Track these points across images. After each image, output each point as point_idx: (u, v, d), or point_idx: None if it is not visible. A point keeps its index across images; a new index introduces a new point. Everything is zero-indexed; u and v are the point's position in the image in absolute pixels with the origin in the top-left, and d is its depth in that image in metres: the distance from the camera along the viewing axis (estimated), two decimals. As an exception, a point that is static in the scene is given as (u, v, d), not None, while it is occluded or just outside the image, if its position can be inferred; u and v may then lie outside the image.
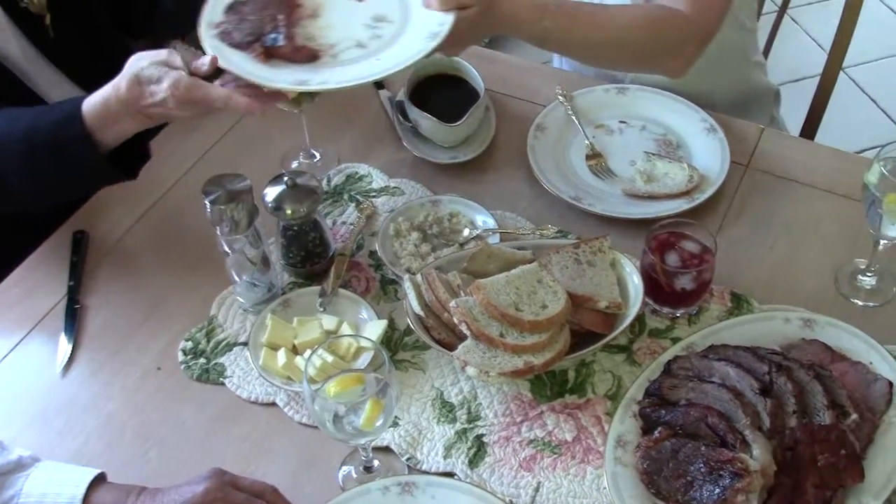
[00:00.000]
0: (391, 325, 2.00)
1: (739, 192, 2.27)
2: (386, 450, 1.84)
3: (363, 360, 1.87)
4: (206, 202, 1.87)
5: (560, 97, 2.43)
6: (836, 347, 1.91)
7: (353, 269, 2.12)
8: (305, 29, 1.98)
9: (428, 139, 2.35)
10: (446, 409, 1.88)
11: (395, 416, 1.87)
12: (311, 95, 2.18)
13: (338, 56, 1.94)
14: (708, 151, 2.30)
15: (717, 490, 1.65)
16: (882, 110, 4.55)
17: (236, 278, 2.01)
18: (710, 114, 2.36)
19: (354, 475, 1.81)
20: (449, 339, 1.85)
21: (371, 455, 1.78)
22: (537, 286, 1.85)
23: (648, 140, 2.36)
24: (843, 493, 1.70)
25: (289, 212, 1.99)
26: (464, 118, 2.25)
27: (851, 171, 1.96)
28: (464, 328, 1.79)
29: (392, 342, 1.99)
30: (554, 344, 1.80)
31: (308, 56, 1.92)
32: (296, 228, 2.03)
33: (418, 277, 1.91)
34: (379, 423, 1.65)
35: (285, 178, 1.99)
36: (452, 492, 1.73)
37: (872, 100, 4.60)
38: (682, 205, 2.17)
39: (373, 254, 2.13)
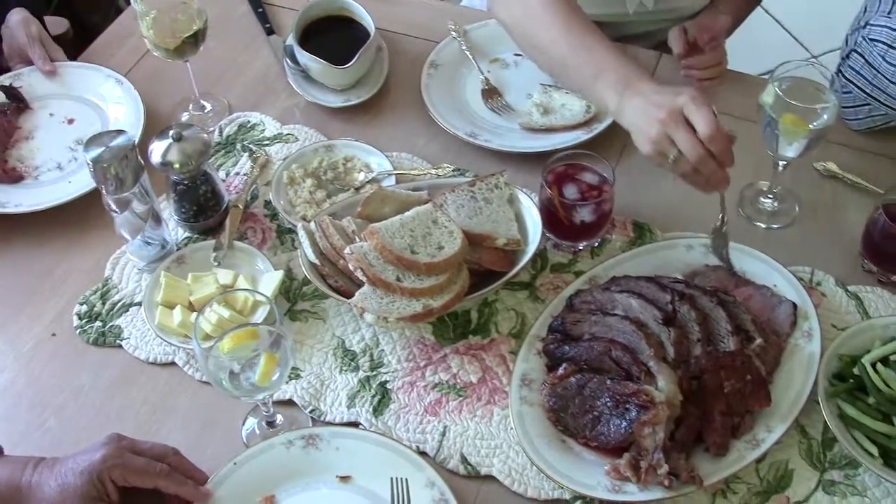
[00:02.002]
0: (289, 276, 1.96)
1: (639, 120, 2.23)
2: (289, 403, 1.80)
3: (261, 314, 1.83)
4: (89, 161, 1.80)
5: (453, 33, 2.38)
6: (740, 272, 1.89)
7: (248, 220, 2.07)
8: (20, 151, 2.20)
9: (319, 83, 2.29)
10: (348, 358, 1.84)
11: (297, 368, 1.83)
12: (195, 44, 2.11)
13: (39, 178, 2.16)
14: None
15: (624, 424, 1.64)
16: (787, 31, 4.55)
17: (128, 237, 1.95)
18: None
19: (258, 431, 1.77)
20: (346, 286, 1.81)
21: (273, 410, 1.74)
22: (432, 227, 1.81)
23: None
24: (752, 419, 1.70)
25: (177, 166, 1.92)
26: (353, 59, 2.19)
27: (751, 94, 1.93)
28: (359, 274, 1.75)
29: (291, 292, 1.94)
30: (452, 285, 1.77)
31: (15, 177, 2.15)
32: (186, 183, 1.97)
33: (312, 225, 1.87)
34: (275, 377, 1.60)
35: (171, 132, 1.93)
36: (357, 441, 1.70)
37: (777, 21, 4.59)
38: (580, 136, 2.14)
39: (268, 204, 2.08)
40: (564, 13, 1.91)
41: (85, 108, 2.31)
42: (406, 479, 1.63)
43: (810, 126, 1.85)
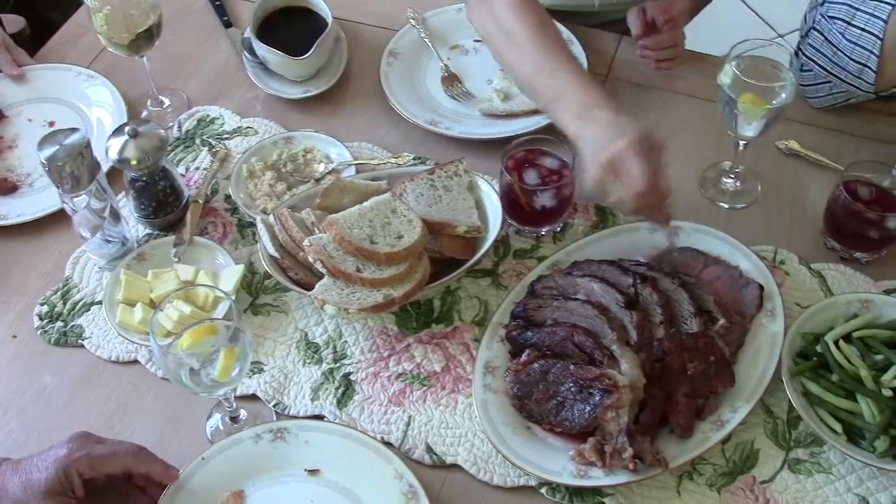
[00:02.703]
0: (250, 270, 1.94)
1: (600, 103, 2.23)
2: (253, 397, 1.79)
3: (222, 309, 1.81)
4: (43, 160, 1.78)
5: (412, 20, 2.37)
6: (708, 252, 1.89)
7: (209, 215, 2.05)
8: (6, 161, 2.17)
9: (278, 75, 2.27)
10: (311, 351, 1.83)
11: (260, 363, 1.82)
12: (149, 39, 2.09)
13: (34, 184, 2.13)
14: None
15: (588, 408, 1.63)
16: (751, 9, 4.55)
17: (87, 235, 1.93)
18: (568, 25, 2.31)
19: (222, 427, 1.75)
20: (307, 278, 1.80)
21: (236, 405, 1.73)
22: (391, 216, 1.80)
23: (506, 57, 2.31)
24: (716, 400, 1.70)
25: (134, 162, 1.90)
26: (311, 50, 2.18)
27: (711, 74, 1.92)
28: (319, 266, 1.73)
29: (253, 286, 1.93)
30: (413, 274, 1.76)
31: (9, 188, 2.12)
32: (144, 179, 1.95)
33: (271, 218, 1.85)
34: (235, 372, 1.59)
35: (127, 129, 1.91)
36: (326, 435, 1.69)
37: (743, 0, 4.59)
38: (540, 121, 2.12)
39: (228, 198, 2.06)
40: (533, 31, 1.87)
41: (63, 108, 2.29)
42: None
43: (768, 105, 1.84)
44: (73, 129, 1.81)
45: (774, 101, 1.84)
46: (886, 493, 1.64)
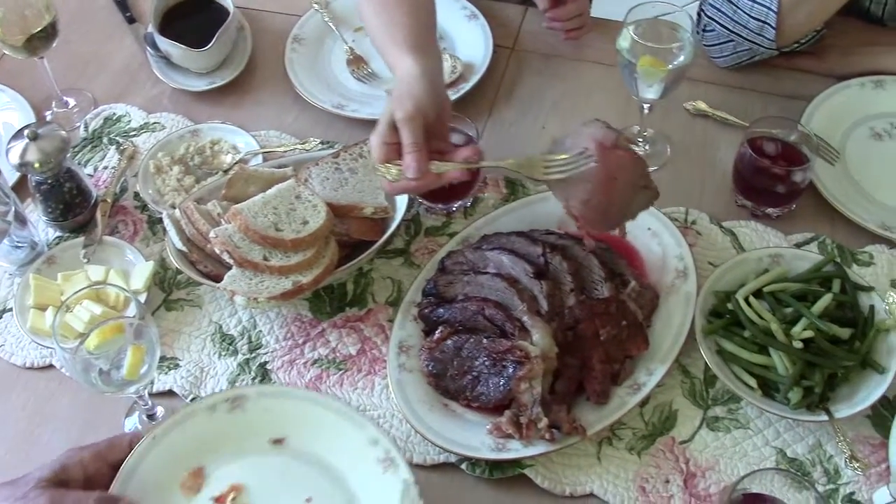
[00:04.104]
0: (162, 265, 1.93)
1: (507, 76, 2.23)
2: (170, 393, 1.78)
3: (134, 306, 1.79)
4: (-62, 169, 1.75)
5: (315, 5, 2.35)
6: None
7: (119, 213, 2.03)
8: None
9: (183, 68, 2.25)
10: (227, 342, 1.82)
11: (175, 358, 1.80)
12: (46, 40, 2.06)
13: None
14: (471, 39, 2.26)
15: (502, 381, 1.63)
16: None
17: (-7, 242, 1.90)
18: (471, 0, 2.30)
19: (140, 426, 1.73)
20: (217, 270, 1.78)
21: (152, 402, 1.71)
22: (296, 202, 1.79)
23: (410, 36, 2.30)
24: (631, 364, 1.70)
25: (36, 165, 1.88)
26: (212, 41, 2.16)
27: (614, 39, 1.92)
28: (226, 257, 1.72)
29: (165, 282, 1.91)
30: (321, 259, 1.75)
31: None
32: (49, 182, 1.93)
33: (176, 212, 1.83)
34: (144, 369, 1.57)
35: (26, 132, 1.88)
36: (289, 401, 1.55)
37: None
38: (446, 97, 2.11)
39: (137, 195, 2.03)
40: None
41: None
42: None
43: (668, 66, 1.84)
44: (-31, 136, 1.79)
45: (673, 63, 1.84)
46: (803, 443, 1.65)
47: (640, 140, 2.06)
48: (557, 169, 1.61)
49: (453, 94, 2.11)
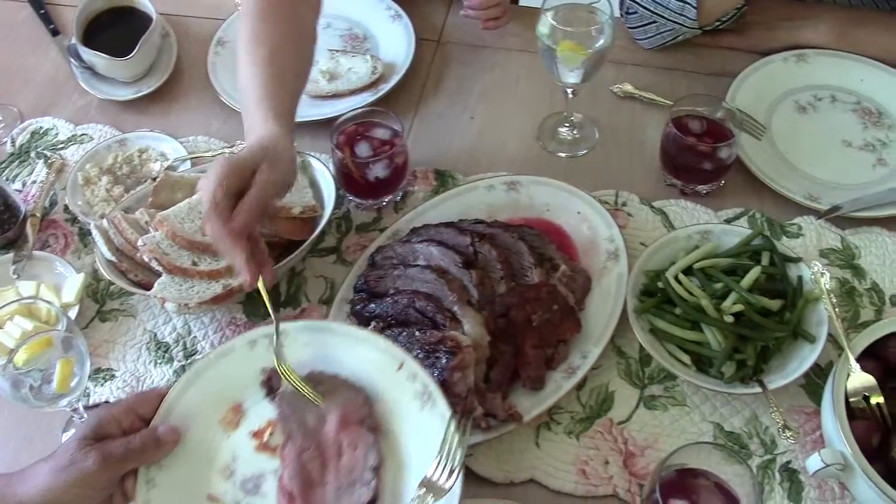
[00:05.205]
0: (95, 277, 1.91)
1: (434, 69, 2.23)
2: (106, 405, 1.76)
3: (65, 320, 1.78)
4: None
5: (240, 6, 2.32)
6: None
7: (49, 227, 2.01)
8: None
9: (109, 78, 2.24)
10: (162, 350, 1.81)
11: (111, 369, 1.79)
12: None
13: None
14: (395, 38, 2.26)
15: (436, 373, 1.61)
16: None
17: (-83, 267, 1.88)
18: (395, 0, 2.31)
19: (77, 440, 1.72)
20: (148, 278, 1.77)
21: (87, 415, 1.69)
22: (222, 206, 1.78)
23: (334, 37, 2.31)
24: (565, 348, 1.71)
25: (-42, 185, 1.87)
26: (135, 49, 2.14)
27: (535, 26, 1.93)
28: (154, 265, 1.71)
29: (98, 293, 1.90)
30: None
31: None
32: (-26, 200, 1.91)
33: (104, 223, 1.82)
34: (74, 381, 1.56)
35: (-53, 151, 1.87)
36: (329, 336, 1.55)
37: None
38: (367, 97, 2.13)
39: (67, 208, 2.02)
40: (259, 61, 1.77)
41: None
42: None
43: (588, 50, 1.85)
44: None
45: (593, 46, 1.85)
46: (739, 416, 1.67)
47: (567, 125, 2.07)
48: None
49: (373, 95, 2.12)
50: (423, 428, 1.44)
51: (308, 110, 2.11)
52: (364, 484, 1.43)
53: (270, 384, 1.53)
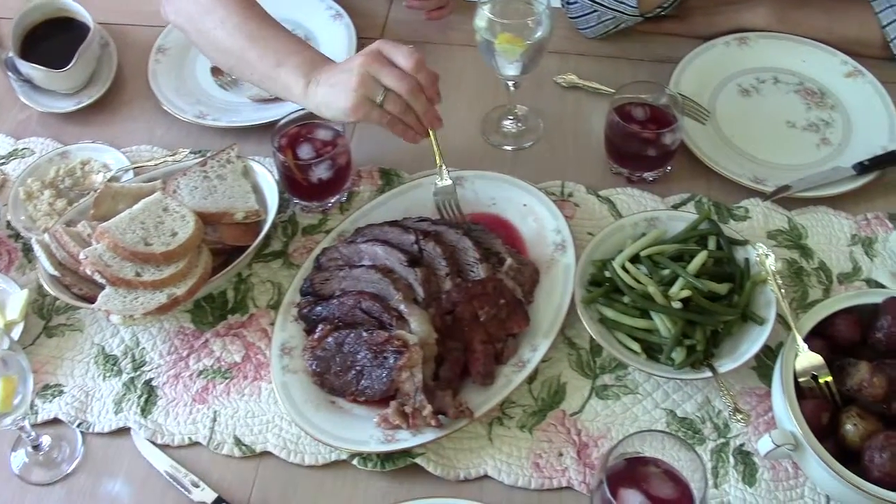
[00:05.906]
0: (41, 293, 1.88)
1: (376, 68, 2.21)
2: (56, 421, 1.74)
3: (6, 341, 1.75)
4: None
5: (179, 14, 2.31)
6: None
7: (-8, 245, 1.99)
8: None
9: (49, 90, 2.21)
10: (110, 363, 1.79)
11: (59, 385, 1.77)
12: None
13: None
14: (336, 38, 2.25)
15: (385, 373, 1.62)
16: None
17: None
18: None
19: (27, 459, 1.70)
20: (92, 291, 1.75)
21: (35, 433, 1.68)
22: (164, 215, 1.77)
23: (274, 41, 2.28)
24: (514, 342, 1.70)
25: None
26: (73, 60, 2.12)
27: (475, 19, 1.92)
28: (97, 277, 1.69)
29: (44, 309, 1.87)
30: (194, 270, 1.73)
31: None
32: (-84, 221, 1.89)
33: (46, 237, 1.80)
34: (17, 399, 1.54)
35: None
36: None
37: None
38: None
39: (10, 224, 1.99)
40: (238, 4, 1.86)
41: None
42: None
43: (526, 42, 1.84)
44: None
45: (531, 38, 1.84)
46: (691, 401, 1.66)
47: (511, 118, 2.06)
48: None
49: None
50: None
51: (252, 114, 2.10)
52: None
53: None
